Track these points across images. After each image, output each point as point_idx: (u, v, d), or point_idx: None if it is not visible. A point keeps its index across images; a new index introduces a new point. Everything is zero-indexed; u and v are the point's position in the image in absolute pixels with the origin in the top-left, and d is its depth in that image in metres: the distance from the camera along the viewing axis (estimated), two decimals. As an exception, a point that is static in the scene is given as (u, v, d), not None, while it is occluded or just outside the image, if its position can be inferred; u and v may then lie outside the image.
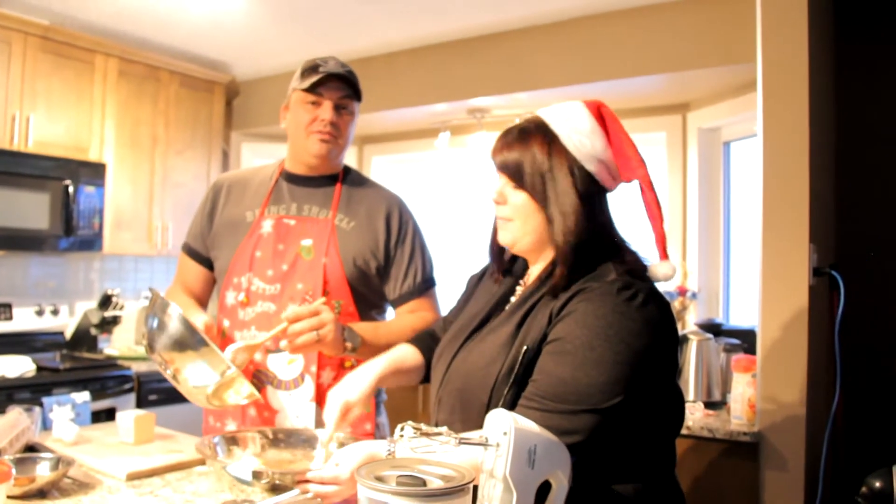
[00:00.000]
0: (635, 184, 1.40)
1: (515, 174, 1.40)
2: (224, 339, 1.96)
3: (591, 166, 1.37)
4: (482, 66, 4.06)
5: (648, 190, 1.38)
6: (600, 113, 1.41)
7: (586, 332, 1.26)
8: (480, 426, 1.13)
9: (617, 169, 1.40)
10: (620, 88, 3.78)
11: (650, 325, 1.28)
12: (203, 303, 2.17)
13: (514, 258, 1.56)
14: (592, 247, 1.36)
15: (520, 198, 1.41)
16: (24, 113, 3.73)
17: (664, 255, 1.38)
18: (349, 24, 3.97)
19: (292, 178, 2.09)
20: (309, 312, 1.74)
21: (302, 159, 2.05)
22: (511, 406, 1.29)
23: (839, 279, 2.55)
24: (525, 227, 1.41)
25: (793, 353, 2.51)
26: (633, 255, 1.39)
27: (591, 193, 1.37)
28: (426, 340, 1.74)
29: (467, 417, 1.38)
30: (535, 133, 1.40)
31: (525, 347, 1.32)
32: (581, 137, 1.37)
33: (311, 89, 1.94)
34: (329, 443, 1.56)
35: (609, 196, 1.43)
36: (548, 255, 1.43)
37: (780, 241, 2.54)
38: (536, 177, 1.37)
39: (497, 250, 1.57)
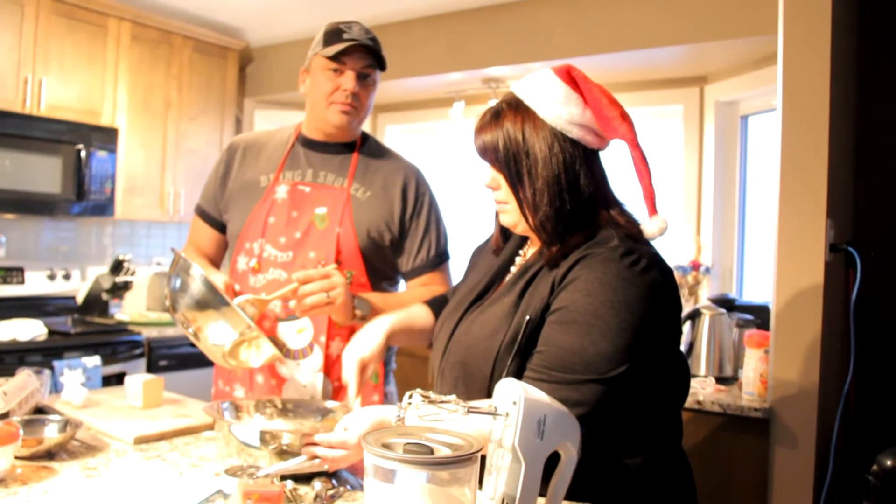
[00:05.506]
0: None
1: (495, 157, 1.39)
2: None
3: (573, 133, 1.34)
4: (498, 36, 4.01)
5: (633, 147, 1.35)
6: (571, 77, 1.38)
7: (590, 300, 1.24)
8: (483, 398, 1.12)
9: (601, 129, 1.37)
10: (637, 59, 3.72)
11: (653, 291, 1.27)
12: (216, 266, 2.16)
13: None
14: (584, 211, 1.35)
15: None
16: (37, 76, 3.71)
17: (653, 210, 1.36)
18: (364, -9, 3.92)
19: (309, 144, 2.05)
20: (319, 275, 1.74)
21: (320, 127, 2.02)
22: (514, 377, 1.28)
23: (856, 256, 2.52)
24: (519, 209, 1.39)
25: (806, 329, 2.48)
26: (626, 215, 1.37)
27: (576, 159, 1.34)
28: (440, 303, 1.73)
29: (470, 389, 1.37)
30: (507, 111, 1.38)
31: (527, 317, 1.31)
32: (557, 107, 1.34)
33: (335, 58, 1.90)
34: (355, 401, 1.54)
35: (602, 154, 1.41)
36: None
37: (796, 216, 2.51)
38: (511, 155, 1.36)
39: (504, 229, 1.55)
